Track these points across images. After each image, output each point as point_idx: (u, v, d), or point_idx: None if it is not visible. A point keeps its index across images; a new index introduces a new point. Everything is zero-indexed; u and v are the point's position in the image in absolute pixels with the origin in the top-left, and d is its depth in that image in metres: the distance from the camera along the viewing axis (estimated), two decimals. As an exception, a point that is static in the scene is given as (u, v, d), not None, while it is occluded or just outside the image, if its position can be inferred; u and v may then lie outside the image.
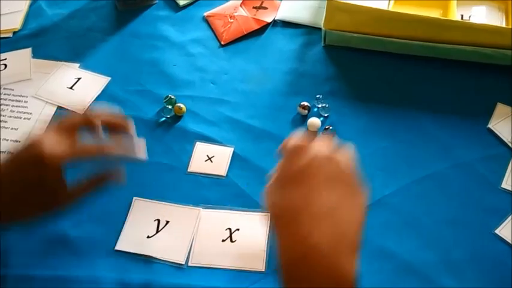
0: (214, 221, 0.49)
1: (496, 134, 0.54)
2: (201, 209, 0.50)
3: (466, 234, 0.48)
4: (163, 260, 0.47)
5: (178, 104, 0.58)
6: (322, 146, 0.39)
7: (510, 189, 0.50)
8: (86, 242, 0.48)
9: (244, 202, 0.51)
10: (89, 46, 0.66)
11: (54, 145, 0.41)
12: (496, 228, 0.48)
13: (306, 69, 0.62)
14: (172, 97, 0.59)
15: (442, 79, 0.60)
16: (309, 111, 0.57)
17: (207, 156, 0.54)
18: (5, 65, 0.63)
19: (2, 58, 0.64)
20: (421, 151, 0.54)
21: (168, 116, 0.58)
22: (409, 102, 0.58)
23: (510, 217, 0.48)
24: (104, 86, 0.61)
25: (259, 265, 0.46)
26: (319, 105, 0.57)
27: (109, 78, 0.62)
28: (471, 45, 0.58)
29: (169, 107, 0.58)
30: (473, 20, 0.62)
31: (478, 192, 0.51)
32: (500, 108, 0.56)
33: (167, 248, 0.48)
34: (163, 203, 0.51)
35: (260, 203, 0.50)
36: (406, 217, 0.50)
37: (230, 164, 0.54)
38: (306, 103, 0.57)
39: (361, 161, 0.53)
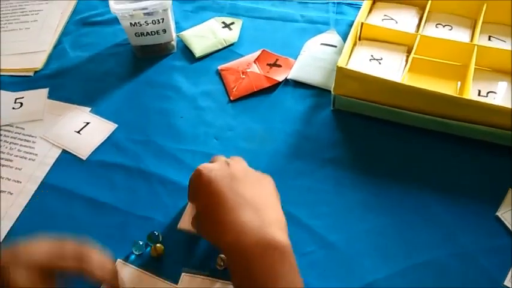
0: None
1: (504, 224, 0.51)
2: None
3: (459, 334, 0.44)
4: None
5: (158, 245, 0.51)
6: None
7: (513, 288, 0.46)
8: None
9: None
10: (103, 91, 0.67)
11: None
12: (492, 333, 0.44)
13: (312, 132, 0.61)
14: (156, 233, 0.51)
15: (452, 157, 0.57)
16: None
17: (199, 215, 0.53)
18: (21, 104, 0.66)
19: (19, 96, 0.66)
20: (421, 233, 0.51)
21: (137, 253, 0.51)
22: (415, 179, 0.56)
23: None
24: (109, 133, 0.62)
25: None
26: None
27: (116, 125, 0.63)
28: (485, 125, 0.55)
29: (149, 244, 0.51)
30: (490, 97, 0.59)
31: (478, 287, 0.47)
32: (512, 196, 0.53)
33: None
34: (144, 272, 0.49)
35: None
36: (397, 306, 0.47)
37: (220, 227, 0.52)
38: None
39: (356, 238, 0.51)
